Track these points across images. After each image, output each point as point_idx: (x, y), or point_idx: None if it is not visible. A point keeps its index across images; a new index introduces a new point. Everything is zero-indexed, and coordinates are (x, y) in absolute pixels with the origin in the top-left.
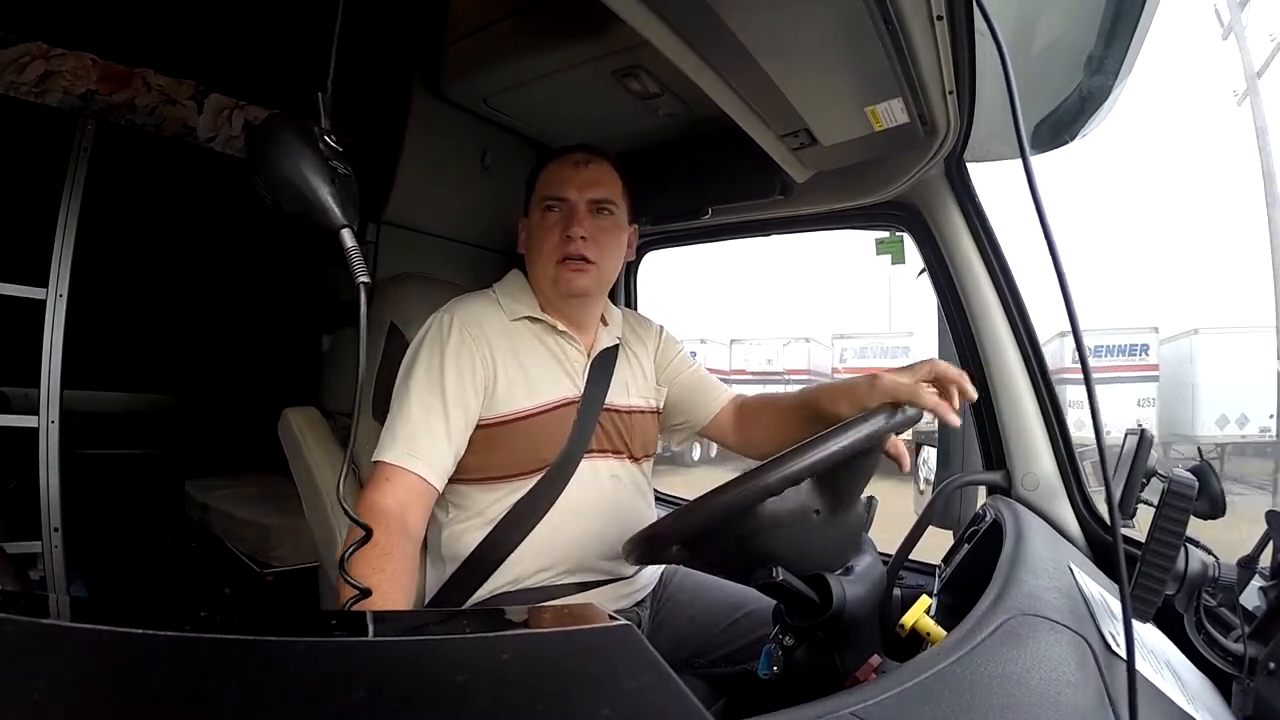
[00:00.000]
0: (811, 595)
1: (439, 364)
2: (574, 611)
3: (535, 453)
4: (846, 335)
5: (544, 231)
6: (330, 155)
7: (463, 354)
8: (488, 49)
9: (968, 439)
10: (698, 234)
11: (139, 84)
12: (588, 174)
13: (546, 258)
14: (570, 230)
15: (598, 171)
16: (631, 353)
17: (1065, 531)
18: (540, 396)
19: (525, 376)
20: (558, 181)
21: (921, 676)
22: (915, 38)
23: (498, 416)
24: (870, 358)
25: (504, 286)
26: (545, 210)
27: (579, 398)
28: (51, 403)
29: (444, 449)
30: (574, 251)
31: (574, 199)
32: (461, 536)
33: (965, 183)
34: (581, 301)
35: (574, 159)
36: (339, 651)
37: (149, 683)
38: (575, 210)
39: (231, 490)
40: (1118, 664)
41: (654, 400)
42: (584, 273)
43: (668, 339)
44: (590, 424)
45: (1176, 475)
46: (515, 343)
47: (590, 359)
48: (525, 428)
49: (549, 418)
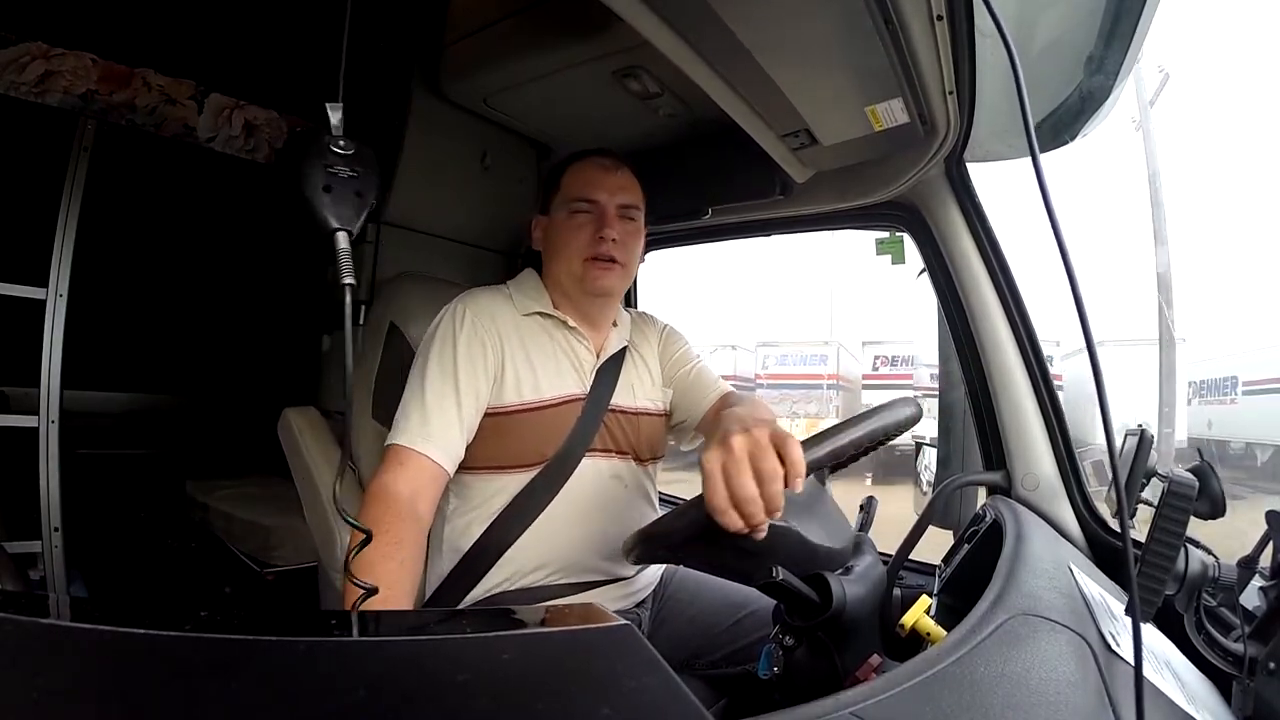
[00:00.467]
0: (811, 595)
1: (451, 352)
2: (574, 611)
3: (537, 446)
4: (769, 343)
5: (572, 231)
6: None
7: (474, 342)
8: (488, 49)
9: (968, 439)
10: (698, 234)
11: (139, 84)
12: (618, 179)
13: (574, 255)
14: (603, 231)
15: (626, 177)
16: (639, 355)
17: (1065, 531)
18: (546, 391)
19: (532, 370)
20: (589, 184)
21: (921, 676)
22: (915, 38)
23: (503, 406)
24: (790, 365)
25: (517, 283)
26: (574, 211)
27: (584, 395)
28: (51, 403)
29: (456, 433)
30: (604, 252)
31: (605, 202)
32: (464, 530)
33: (965, 183)
34: (604, 301)
35: (603, 163)
36: (339, 651)
37: (149, 683)
38: (606, 212)
39: (231, 490)
40: (1118, 664)
41: (661, 403)
42: (611, 272)
43: (669, 335)
44: (594, 422)
45: (1176, 475)
46: (525, 337)
47: (599, 359)
48: (529, 420)
49: (553, 412)
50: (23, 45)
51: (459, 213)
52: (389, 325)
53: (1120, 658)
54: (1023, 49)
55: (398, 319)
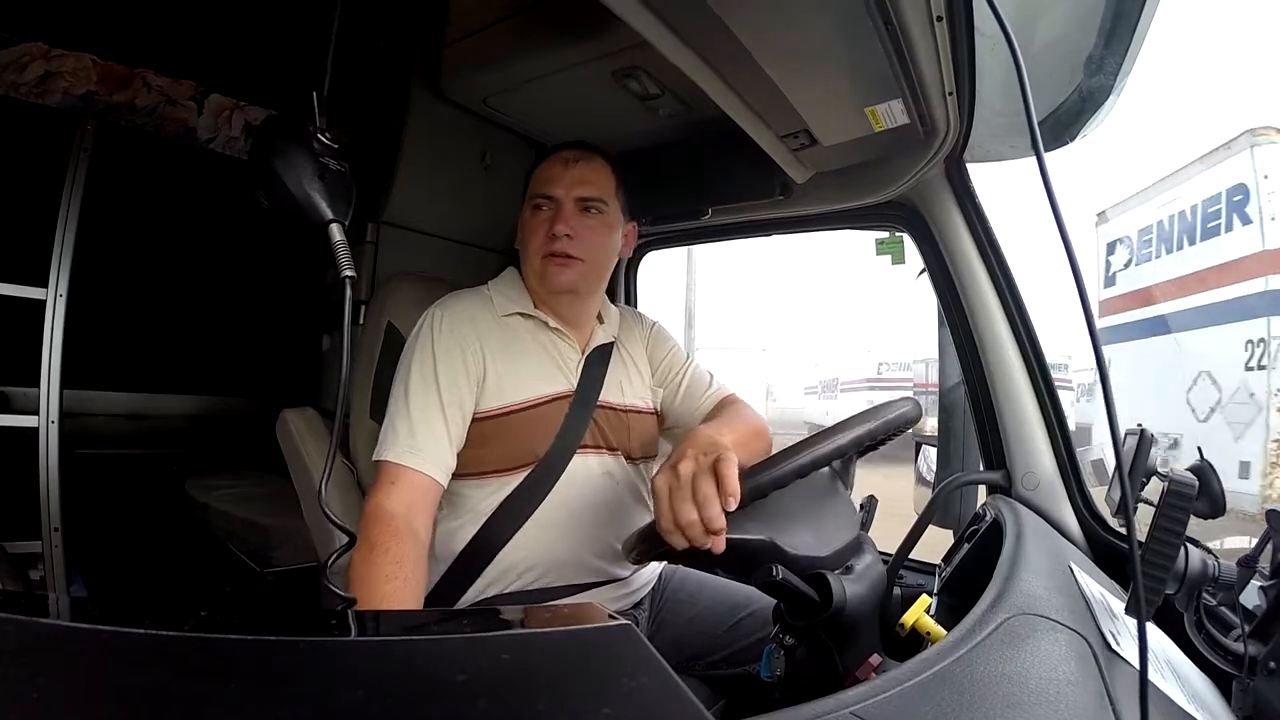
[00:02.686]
0: (811, 594)
1: (430, 361)
2: (574, 611)
3: (527, 446)
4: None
5: (530, 229)
6: (323, 152)
7: (453, 350)
8: (487, 49)
9: (968, 439)
10: (698, 234)
11: (139, 84)
12: (576, 172)
13: (533, 253)
14: (555, 228)
15: (587, 170)
16: (626, 351)
17: (1065, 531)
18: (531, 390)
19: (516, 371)
20: (547, 180)
21: (921, 676)
22: (915, 38)
23: (489, 410)
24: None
25: (498, 283)
26: (535, 208)
27: (571, 392)
28: (51, 403)
29: (444, 444)
30: (558, 249)
31: (561, 196)
32: (455, 534)
33: (965, 183)
34: (571, 298)
35: (564, 157)
36: (339, 651)
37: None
38: (562, 207)
39: (231, 490)
40: (1118, 663)
41: (651, 401)
42: (568, 268)
43: (657, 334)
44: (583, 418)
45: (1176, 475)
46: (506, 338)
47: (584, 355)
48: (516, 422)
49: (540, 411)
50: (23, 46)
51: (459, 213)
52: (386, 325)
53: (1120, 657)
54: (1023, 49)
55: (395, 319)
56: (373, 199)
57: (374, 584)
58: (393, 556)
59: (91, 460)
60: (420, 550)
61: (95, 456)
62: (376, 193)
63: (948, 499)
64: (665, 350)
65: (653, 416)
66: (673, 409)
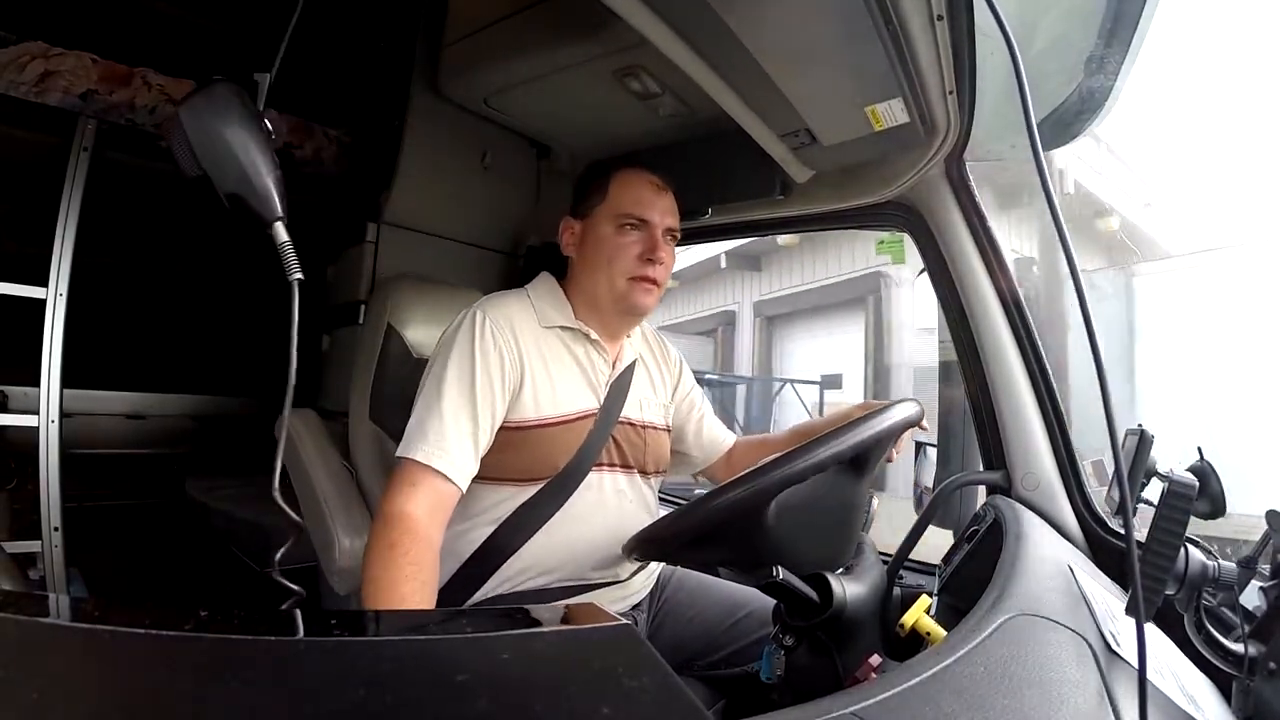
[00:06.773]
0: (811, 595)
1: (469, 363)
2: (574, 611)
3: (547, 461)
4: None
5: (620, 248)
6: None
7: (493, 355)
8: (488, 49)
9: (968, 439)
10: (698, 234)
11: (139, 84)
12: (666, 201)
13: (619, 273)
14: (655, 254)
15: (673, 201)
16: (647, 370)
17: (1065, 531)
18: (563, 407)
19: (551, 385)
20: (641, 202)
21: (921, 676)
22: (915, 38)
23: (519, 421)
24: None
25: (536, 290)
26: (623, 227)
27: (596, 410)
28: (51, 402)
29: (470, 452)
30: (651, 275)
31: (656, 223)
32: (465, 535)
33: (965, 183)
34: (637, 319)
35: (655, 182)
36: (339, 651)
37: (149, 683)
38: (655, 234)
39: (231, 490)
40: (1118, 664)
41: (665, 419)
42: (652, 294)
43: (683, 366)
44: (604, 436)
45: (1176, 475)
46: (545, 350)
47: (614, 372)
48: (542, 436)
49: (568, 427)
50: (23, 45)
51: (459, 213)
52: (386, 326)
53: (1120, 658)
54: (1023, 49)
55: (395, 320)
56: (373, 199)
57: (391, 584)
58: (412, 558)
59: (91, 460)
60: (435, 554)
61: (95, 456)
62: (376, 193)
63: (947, 500)
64: (689, 384)
65: (667, 434)
66: (683, 437)
